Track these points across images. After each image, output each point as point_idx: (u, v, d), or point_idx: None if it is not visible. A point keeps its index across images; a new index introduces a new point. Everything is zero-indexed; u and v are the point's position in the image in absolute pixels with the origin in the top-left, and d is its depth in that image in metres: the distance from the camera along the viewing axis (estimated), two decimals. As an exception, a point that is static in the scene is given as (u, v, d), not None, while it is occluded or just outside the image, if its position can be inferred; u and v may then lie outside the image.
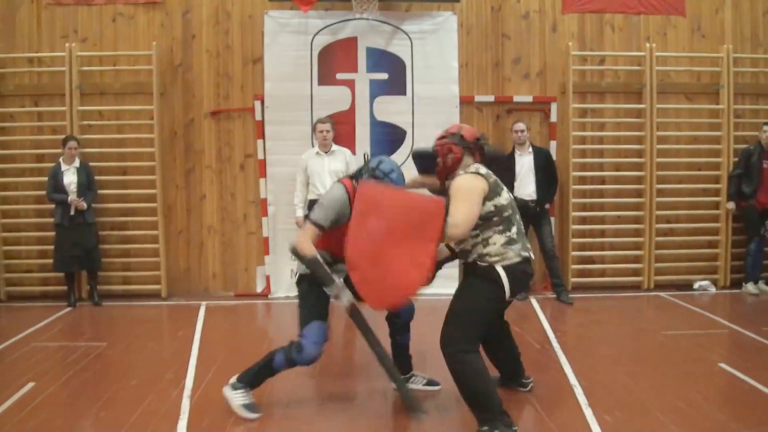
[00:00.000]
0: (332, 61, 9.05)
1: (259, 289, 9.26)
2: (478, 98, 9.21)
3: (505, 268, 4.59)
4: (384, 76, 9.05)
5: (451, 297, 4.95)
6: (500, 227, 4.63)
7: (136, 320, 8.05)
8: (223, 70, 9.21)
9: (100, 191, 8.94)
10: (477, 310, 4.68)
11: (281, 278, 9.18)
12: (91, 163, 8.90)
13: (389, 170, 5.05)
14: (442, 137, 4.96)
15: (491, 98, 9.22)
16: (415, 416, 4.76)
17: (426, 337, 7.18)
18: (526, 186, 8.62)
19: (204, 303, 8.70)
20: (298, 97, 9.03)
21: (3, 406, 5.24)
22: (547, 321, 7.66)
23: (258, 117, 9.09)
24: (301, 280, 5.01)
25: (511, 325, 7.45)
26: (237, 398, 4.99)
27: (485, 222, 4.62)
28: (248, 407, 4.99)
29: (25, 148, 9.20)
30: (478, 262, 4.65)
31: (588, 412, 4.90)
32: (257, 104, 9.10)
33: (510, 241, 4.64)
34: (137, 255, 9.22)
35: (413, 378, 5.64)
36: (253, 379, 5.05)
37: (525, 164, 8.64)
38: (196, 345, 6.86)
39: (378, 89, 9.06)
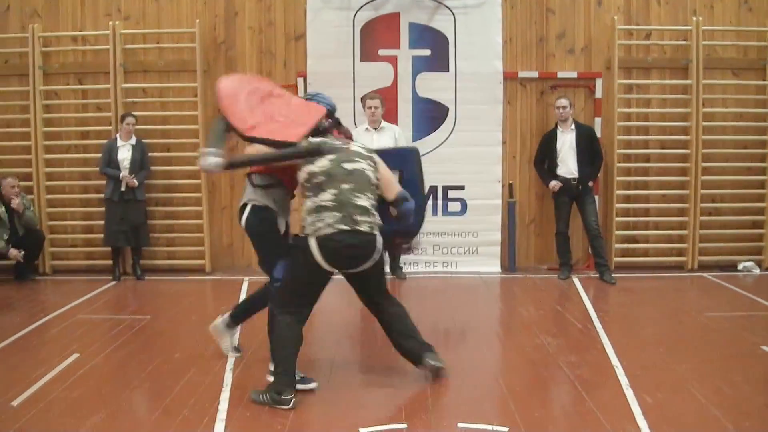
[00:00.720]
0: (374, 37, 9.01)
1: None
2: (522, 74, 9.11)
3: (317, 239, 4.62)
4: (426, 52, 8.98)
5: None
6: (310, 194, 4.74)
7: (180, 294, 8.19)
8: (266, 47, 9.23)
9: (162, 166, 9.10)
10: (293, 277, 4.82)
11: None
12: (149, 141, 9.05)
13: (315, 93, 5.46)
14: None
15: (535, 74, 9.11)
16: None
17: (466, 313, 7.28)
18: (568, 163, 8.54)
19: (247, 278, 8.75)
20: (341, 73, 9.02)
21: (49, 376, 5.37)
22: (589, 300, 7.59)
23: (301, 94, 9.00)
24: (252, 217, 5.04)
25: (554, 303, 7.53)
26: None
27: (304, 189, 4.80)
28: (303, 381, 5.00)
29: (70, 126, 9.38)
30: (302, 232, 4.80)
31: (629, 393, 4.85)
32: (300, 81, 9.10)
33: (319, 209, 4.66)
34: (181, 230, 9.35)
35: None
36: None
37: (567, 141, 8.55)
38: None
39: (420, 65, 9.00)
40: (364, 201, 4.74)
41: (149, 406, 4.88)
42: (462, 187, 9.05)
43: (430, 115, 9.03)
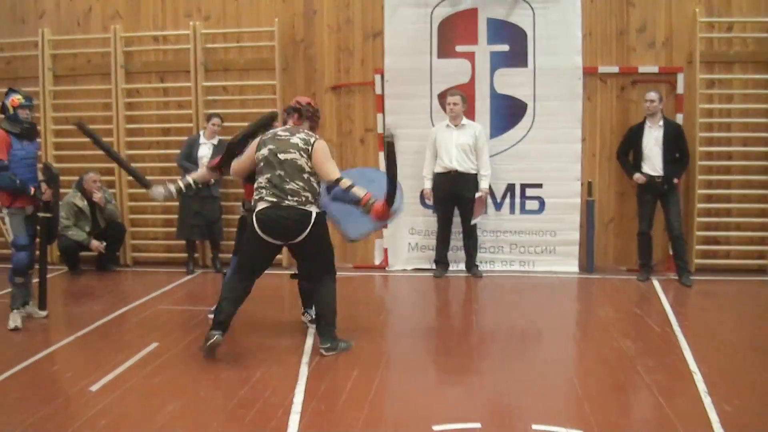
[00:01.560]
0: (452, 34, 8.99)
1: (377, 261, 9.40)
2: (601, 69, 8.91)
3: (255, 214, 5.60)
4: (505, 47, 8.90)
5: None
6: (257, 177, 5.72)
7: (258, 288, 7.90)
8: (344, 45, 9.31)
9: None
10: (243, 245, 5.92)
11: (399, 251, 9.29)
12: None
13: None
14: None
15: (615, 69, 8.89)
16: None
17: (542, 313, 7.23)
18: (653, 161, 8.31)
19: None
20: (418, 70, 9.04)
21: (128, 363, 5.57)
22: (668, 303, 7.41)
23: (378, 91, 9.17)
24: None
25: (632, 306, 7.41)
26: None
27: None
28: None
29: (152, 122, 9.67)
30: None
31: (707, 400, 4.72)
32: (377, 78, 9.17)
33: (258, 190, 5.65)
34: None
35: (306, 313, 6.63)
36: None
37: (654, 138, 8.31)
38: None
39: (498, 61, 8.93)
40: (293, 185, 5.56)
41: (225, 396, 5.00)
42: (540, 185, 8.96)
43: (508, 112, 8.95)
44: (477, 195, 8.59)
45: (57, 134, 9.84)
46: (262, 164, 5.68)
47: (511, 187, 9.01)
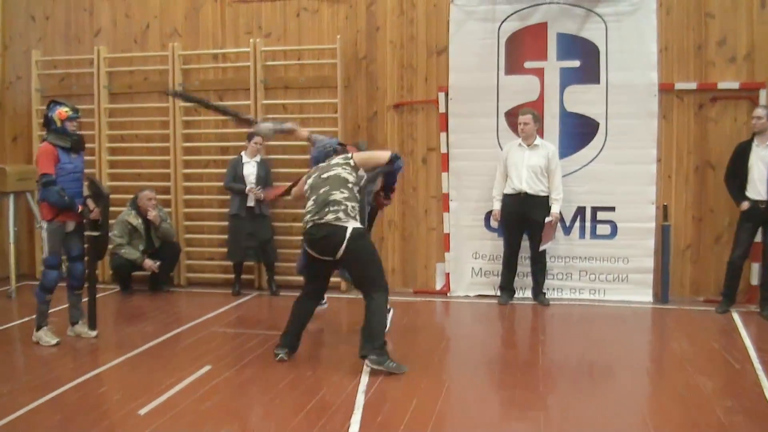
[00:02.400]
0: (520, 49, 8.96)
1: (438, 287, 9.36)
2: (678, 85, 8.73)
3: (303, 234, 6.25)
4: (575, 63, 8.83)
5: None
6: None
7: (315, 312, 8.30)
8: (407, 62, 9.34)
9: (283, 182, 9.23)
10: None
11: (461, 276, 9.24)
12: (273, 156, 9.40)
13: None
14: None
15: (693, 85, 8.71)
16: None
17: (613, 345, 7.10)
18: (757, 184, 8.02)
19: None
20: (484, 87, 9.02)
21: (179, 386, 5.64)
22: (749, 338, 7.16)
23: (442, 109, 9.17)
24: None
25: (710, 339, 7.21)
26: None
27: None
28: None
29: (210, 141, 9.86)
30: None
31: (790, 445, 4.56)
32: (441, 96, 9.17)
33: (305, 214, 6.22)
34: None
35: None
36: None
37: (760, 158, 8.01)
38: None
39: (569, 78, 8.85)
40: (337, 195, 6.08)
41: (279, 423, 5.02)
42: (612, 209, 8.83)
43: (579, 131, 8.86)
44: (547, 220, 8.52)
45: (112, 152, 10.10)
46: (309, 191, 6.29)
47: (581, 211, 8.90)
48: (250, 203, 9.03)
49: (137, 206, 9.29)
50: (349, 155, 6.37)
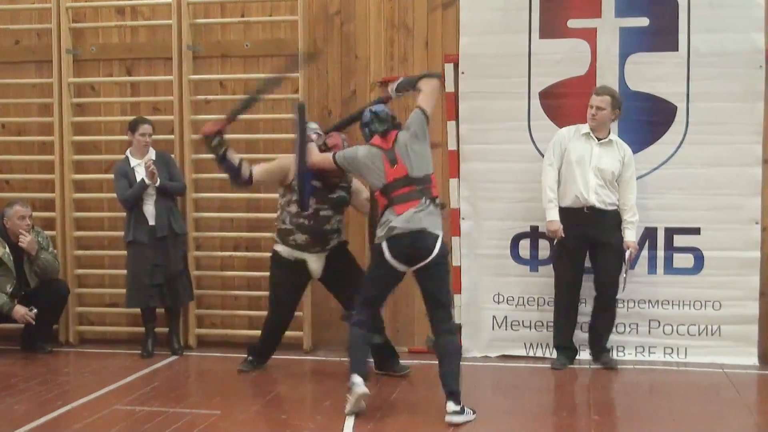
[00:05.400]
0: (561, 3, 8.66)
1: None
2: (797, 54, 8.49)
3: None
4: (642, 21, 8.49)
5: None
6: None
7: (268, 381, 8.12)
8: (400, 19, 8.99)
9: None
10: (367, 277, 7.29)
11: (478, 329, 8.83)
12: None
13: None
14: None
15: (819, 53, 8.46)
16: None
17: (685, 428, 6.64)
18: None
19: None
20: (510, 57, 8.67)
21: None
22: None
23: (449, 88, 8.80)
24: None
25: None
26: None
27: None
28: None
29: (113, 134, 9.52)
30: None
31: None
32: (448, 68, 8.80)
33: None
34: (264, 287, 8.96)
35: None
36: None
37: None
38: (350, 424, 6.62)
39: (632, 42, 8.49)
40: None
41: None
42: (696, 230, 8.48)
43: (647, 119, 8.51)
44: (627, 253, 8.21)
45: None
46: None
47: (651, 234, 8.56)
48: (151, 222, 8.75)
49: (3, 229, 8.88)
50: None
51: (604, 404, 7.49)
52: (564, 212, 8.27)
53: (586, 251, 8.35)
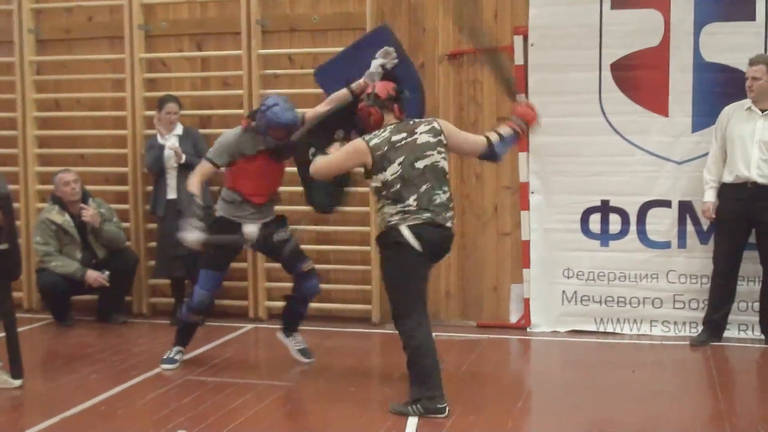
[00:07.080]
0: (635, -29, 8.59)
1: (513, 319, 8.87)
2: None
3: (409, 228, 6.16)
4: (721, -11, 8.41)
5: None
6: (389, 201, 6.25)
7: (337, 352, 8.14)
8: (469, -9, 8.93)
9: None
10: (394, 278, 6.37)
11: (549, 304, 8.73)
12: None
13: (272, 104, 6.89)
14: (360, 100, 6.62)
15: None
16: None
17: None
18: None
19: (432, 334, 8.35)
20: (580, 28, 8.55)
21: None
22: None
23: (518, 60, 8.71)
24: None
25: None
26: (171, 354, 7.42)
27: (382, 197, 6.32)
28: None
29: (185, 109, 9.42)
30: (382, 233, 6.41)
31: None
32: (517, 41, 8.71)
33: (404, 212, 6.17)
34: (339, 261, 9.08)
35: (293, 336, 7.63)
36: (178, 338, 7.47)
37: None
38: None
39: (708, 12, 8.29)
40: (443, 197, 6.27)
41: None
42: None
43: (723, 90, 8.26)
44: None
45: (42, 124, 9.81)
46: (399, 185, 6.22)
47: None
48: (171, 195, 8.98)
49: (60, 200, 8.94)
50: (435, 124, 6.46)
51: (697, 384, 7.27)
52: (726, 188, 8.08)
53: (747, 229, 8.10)
